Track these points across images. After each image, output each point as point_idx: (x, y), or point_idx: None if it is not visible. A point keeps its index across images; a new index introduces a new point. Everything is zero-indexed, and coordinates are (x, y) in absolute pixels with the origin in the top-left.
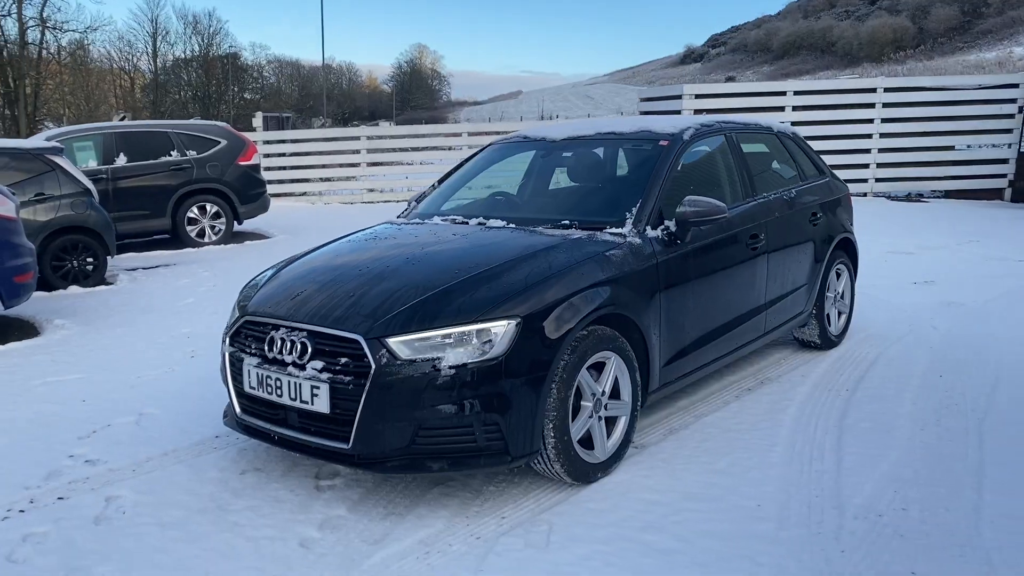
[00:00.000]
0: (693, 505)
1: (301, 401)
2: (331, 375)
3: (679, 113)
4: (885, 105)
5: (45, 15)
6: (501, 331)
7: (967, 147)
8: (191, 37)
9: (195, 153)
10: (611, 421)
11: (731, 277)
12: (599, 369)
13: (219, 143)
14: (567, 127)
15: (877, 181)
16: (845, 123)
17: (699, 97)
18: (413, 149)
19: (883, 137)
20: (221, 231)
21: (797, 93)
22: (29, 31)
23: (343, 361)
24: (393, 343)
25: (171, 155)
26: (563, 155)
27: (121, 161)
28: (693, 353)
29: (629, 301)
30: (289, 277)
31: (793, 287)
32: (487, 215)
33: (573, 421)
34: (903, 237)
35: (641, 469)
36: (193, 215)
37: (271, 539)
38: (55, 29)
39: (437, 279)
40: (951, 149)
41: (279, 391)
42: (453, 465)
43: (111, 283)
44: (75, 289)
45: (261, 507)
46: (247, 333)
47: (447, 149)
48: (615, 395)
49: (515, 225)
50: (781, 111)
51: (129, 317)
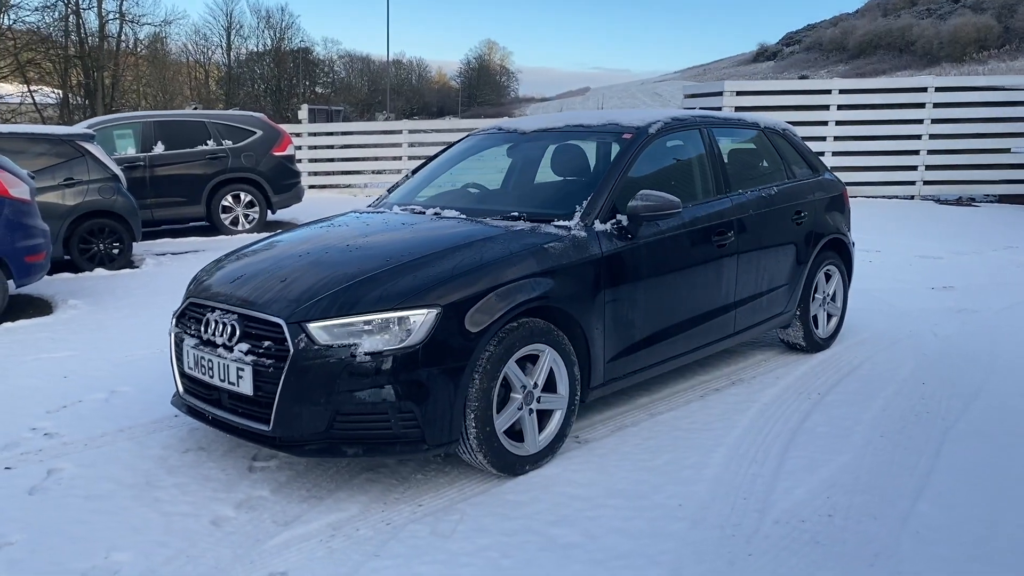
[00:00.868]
0: (614, 502)
1: (229, 382)
2: (255, 358)
3: (719, 110)
4: (936, 105)
5: (124, 8)
6: (420, 320)
7: None
8: (263, 31)
9: (231, 143)
10: (546, 414)
11: (693, 274)
12: (535, 361)
13: (255, 133)
14: (540, 120)
15: (926, 184)
16: (893, 123)
17: (740, 94)
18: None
19: (933, 138)
20: (255, 219)
21: (843, 92)
22: (108, 24)
23: (266, 344)
24: (313, 328)
25: (207, 144)
26: (530, 147)
27: (159, 149)
28: (645, 350)
29: (566, 294)
30: (238, 263)
31: (770, 287)
32: (445, 205)
33: (499, 412)
34: (937, 241)
35: (574, 463)
36: (228, 203)
37: (185, 515)
38: (132, 22)
39: (367, 267)
40: (1006, 152)
41: (211, 372)
42: (368, 451)
43: (137, 266)
44: (101, 271)
45: (188, 485)
46: (190, 315)
47: None
48: (551, 388)
49: (466, 216)
50: (826, 110)
51: (140, 300)
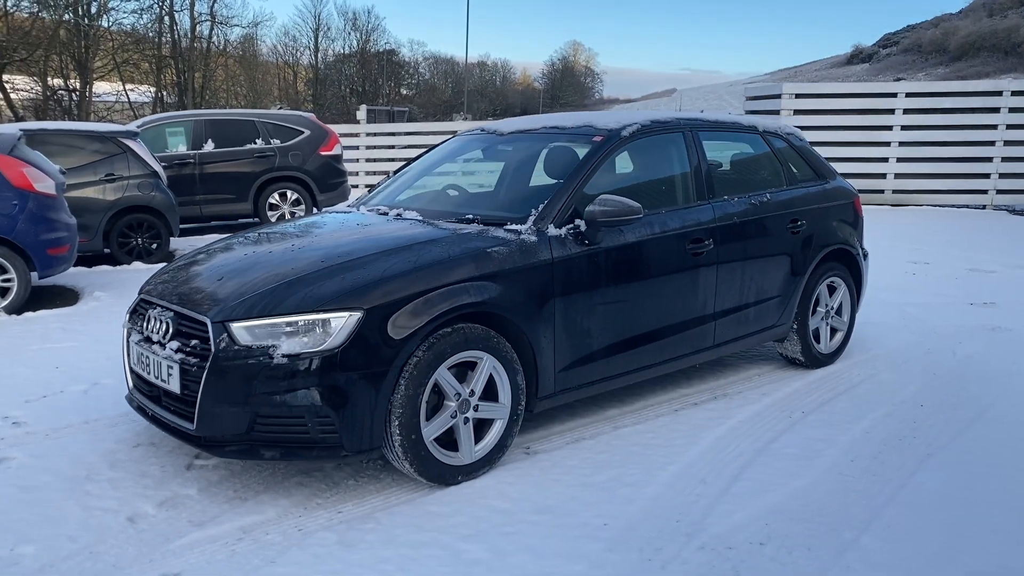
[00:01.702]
0: (538, 518)
1: (161, 380)
2: (183, 356)
3: (778, 113)
4: (1012, 110)
5: (215, 10)
6: (340, 323)
7: None
8: (349, 33)
9: (279, 142)
10: (487, 424)
11: (663, 283)
12: (476, 368)
13: (302, 133)
14: (518, 121)
15: (999, 193)
16: (965, 129)
17: (799, 97)
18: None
19: (1008, 145)
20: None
21: (910, 95)
22: (199, 25)
23: (193, 343)
24: (235, 328)
25: (256, 143)
26: (503, 149)
27: (209, 147)
28: (604, 360)
29: (509, 300)
30: (192, 260)
31: (758, 298)
32: (411, 207)
33: (430, 420)
34: (994, 253)
35: (512, 475)
36: (274, 201)
37: (106, 511)
38: (222, 24)
39: (301, 268)
40: None
41: (149, 369)
42: (286, 455)
43: None
44: (138, 265)
45: (123, 480)
46: (139, 311)
47: None
48: (492, 397)
49: (423, 218)
50: (891, 114)
51: None
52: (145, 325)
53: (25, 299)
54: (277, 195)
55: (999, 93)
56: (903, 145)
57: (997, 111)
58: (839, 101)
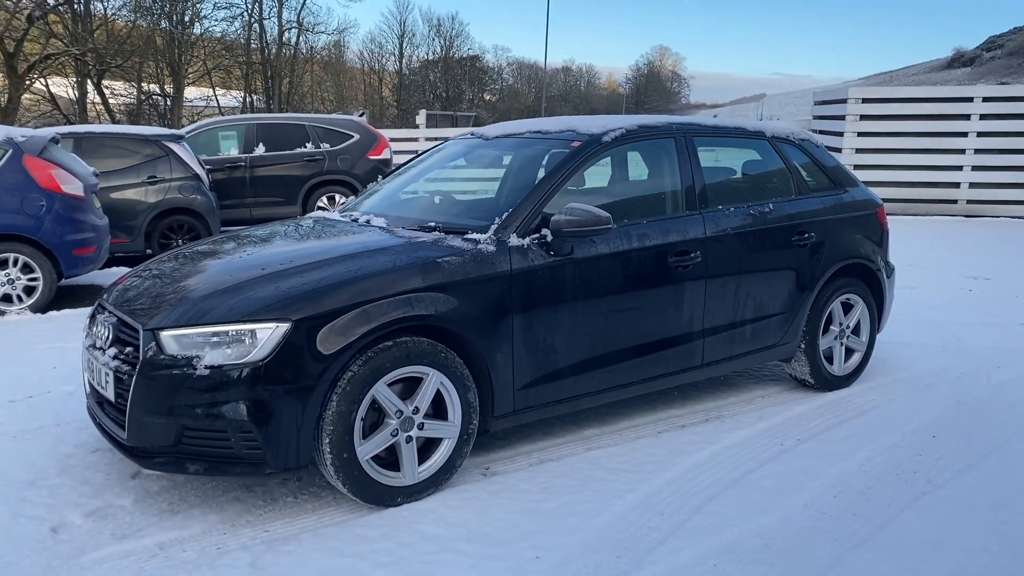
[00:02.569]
0: (468, 547)
1: (100, 386)
2: (119, 363)
3: (843, 119)
4: None
5: (301, 17)
6: (266, 334)
7: None
8: (433, 39)
9: (328, 146)
10: (436, 443)
11: (641, 297)
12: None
13: (352, 137)
14: (505, 126)
15: None
16: None
17: (866, 101)
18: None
19: None
20: None
21: (987, 100)
22: (287, 33)
23: (127, 350)
24: (163, 336)
25: (306, 147)
26: (488, 154)
27: (260, 151)
28: (573, 378)
29: (458, 314)
30: (151, 267)
31: (756, 315)
32: (380, 213)
33: (368, 438)
34: None
35: (458, 498)
36: (323, 204)
37: (33, 519)
38: (308, 31)
39: (240, 275)
40: None
41: (93, 375)
42: (210, 470)
43: None
44: None
45: (65, 487)
46: (94, 317)
47: None
48: (443, 415)
49: (387, 225)
50: (966, 119)
51: None
52: (94, 330)
53: (51, 298)
54: (325, 199)
55: None
56: (979, 152)
57: None
58: (910, 106)
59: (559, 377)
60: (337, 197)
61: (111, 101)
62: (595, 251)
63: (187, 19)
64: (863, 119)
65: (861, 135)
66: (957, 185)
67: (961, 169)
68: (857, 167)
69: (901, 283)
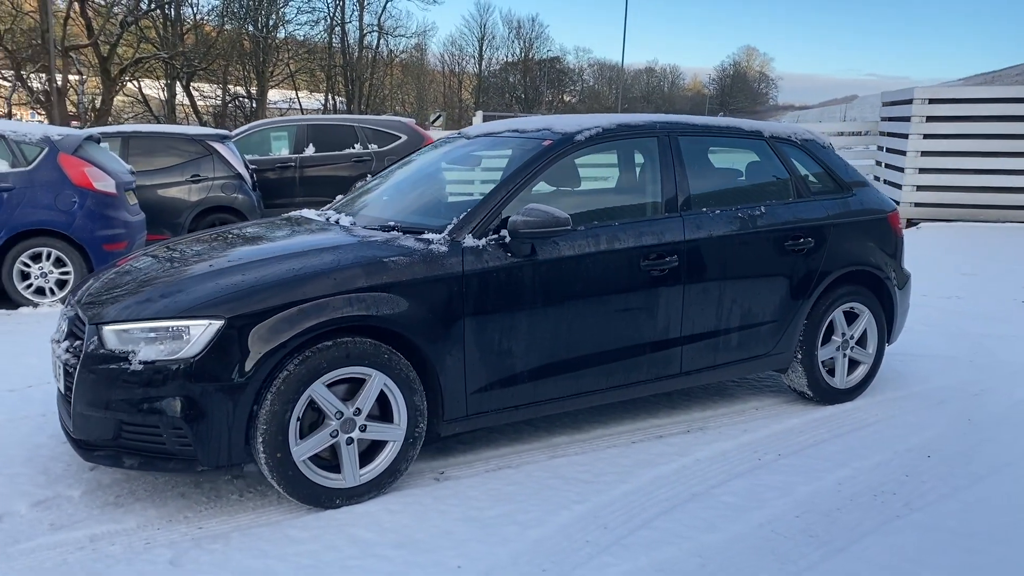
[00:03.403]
0: (394, 553)
1: (56, 378)
2: (68, 356)
3: (908, 120)
4: None
5: (382, 21)
6: (199, 331)
7: None
8: (513, 41)
9: (376, 147)
10: (380, 445)
11: (608, 302)
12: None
13: (400, 138)
14: (487, 125)
15: None
16: None
17: (933, 102)
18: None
19: None
20: None
21: None
22: (367, 36)
23: (76, 344)
24: (106, 331)
25: (354, 148)
26: (468, 153)
27: (310, 151)
28: (531, 384)
29: (404, 315)
30: (124, 264)
31: (744, 323)
32: (349, 212)
33: (305, 438)
34: None
35: (399, 503)
36: None
37: None
38: (388, 34)
39: (186, 272)
40: None
41: (53, 367)
42: (144, 465)
43: None
44: None
45: (23, 476)
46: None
47: None
48: (387, 417)
49: (350, 224)
50: None
51: None
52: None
53: None
54: None
55: None
56: None
57: None
58: (981, 107)
59: (517, 382)
60: None
61: (199, 103)
62: (558, 253)
63: (272, 23)
64: (930, 120)
65: (927, 137)
66: None
67: None
68: (923, 170)
69: (947, 293)
